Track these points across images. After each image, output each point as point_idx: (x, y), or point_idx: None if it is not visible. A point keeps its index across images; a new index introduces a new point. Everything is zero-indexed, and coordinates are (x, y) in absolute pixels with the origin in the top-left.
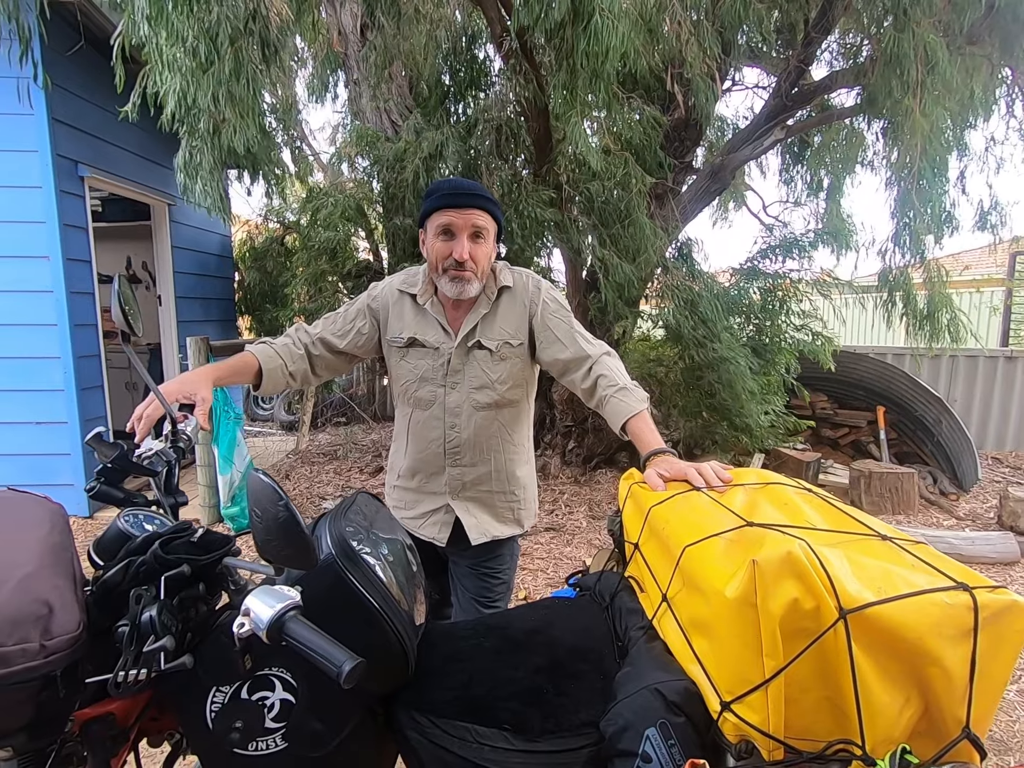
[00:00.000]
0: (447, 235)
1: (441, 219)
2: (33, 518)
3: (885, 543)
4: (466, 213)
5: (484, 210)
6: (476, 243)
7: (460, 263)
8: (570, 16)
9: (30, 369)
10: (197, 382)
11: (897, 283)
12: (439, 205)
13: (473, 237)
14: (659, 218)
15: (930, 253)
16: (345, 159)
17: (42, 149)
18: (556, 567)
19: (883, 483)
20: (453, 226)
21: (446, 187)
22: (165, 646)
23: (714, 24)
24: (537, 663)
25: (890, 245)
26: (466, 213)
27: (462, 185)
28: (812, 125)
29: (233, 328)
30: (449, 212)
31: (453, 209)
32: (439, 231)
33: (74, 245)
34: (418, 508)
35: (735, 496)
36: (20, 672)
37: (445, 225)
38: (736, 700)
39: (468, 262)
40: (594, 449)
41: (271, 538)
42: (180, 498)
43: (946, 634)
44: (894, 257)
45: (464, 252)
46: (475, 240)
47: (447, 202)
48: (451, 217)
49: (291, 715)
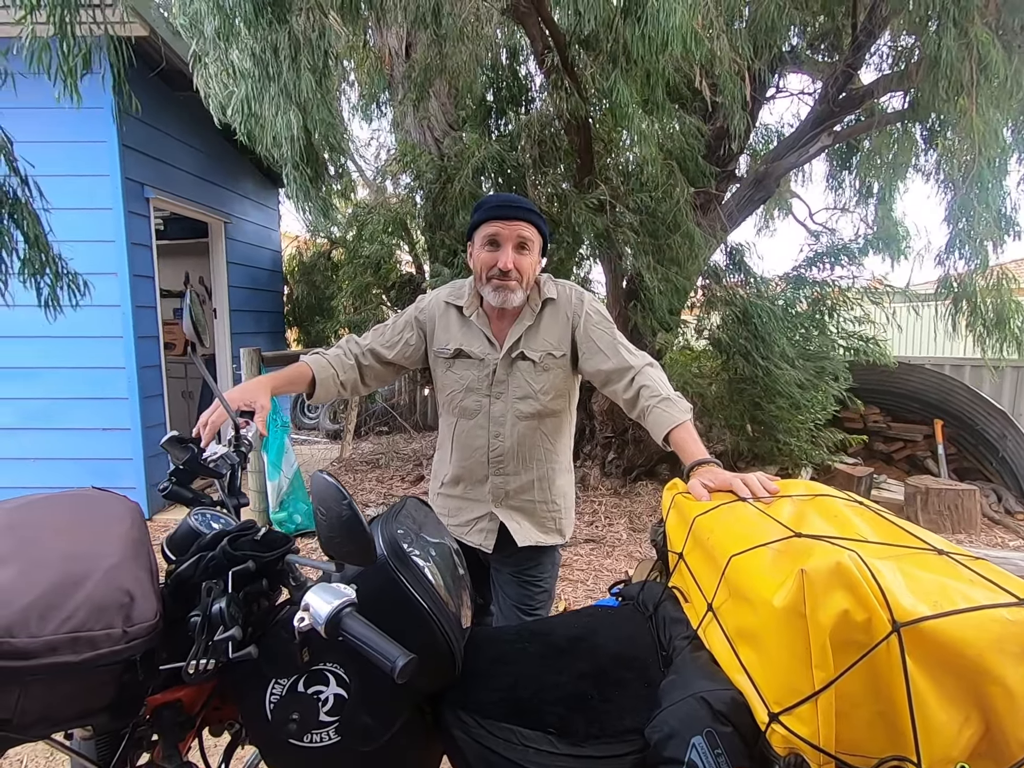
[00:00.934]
0: (493, 246)
1: (488, 230)
2: (116, 514)
3: (941, 557)
4: (512, 225)
5: (530, 222)
6: (521, 254)
7: (504, 272)
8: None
9: (97, 378)
10: (257, 390)
11: (964, 290)
12: (486, 217)
13: (518, 248)
14: (704, 226)
15: (993, 259)
16: (389, 176)
17: (113, 173)
18: (596, 579)
19: (942, 500)
20: (499, 237)
21: (494, 200)
22: (233, 636)
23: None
24: (581, 669)
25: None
26: (512, 225)
27: (509, 199)
28: (861, 130)
29: (282, 339)
30: (495, 224)
31: (499, 221)
32: (485, 242)
33: (139, 262)
34: (462, 516)
35: (782, 507)
36: (105, 655)
37: (491, 236)
38: (785, 711)
39: (512, 272)
40: (634, 461)
41: (334, 535)
42: (242, 499)
43: (1008, 651)
44: (955, 263)
45: (509, 262)
46: (520, 251)
47: (494, 214)
48: (497, 228)
49: (344, 709)
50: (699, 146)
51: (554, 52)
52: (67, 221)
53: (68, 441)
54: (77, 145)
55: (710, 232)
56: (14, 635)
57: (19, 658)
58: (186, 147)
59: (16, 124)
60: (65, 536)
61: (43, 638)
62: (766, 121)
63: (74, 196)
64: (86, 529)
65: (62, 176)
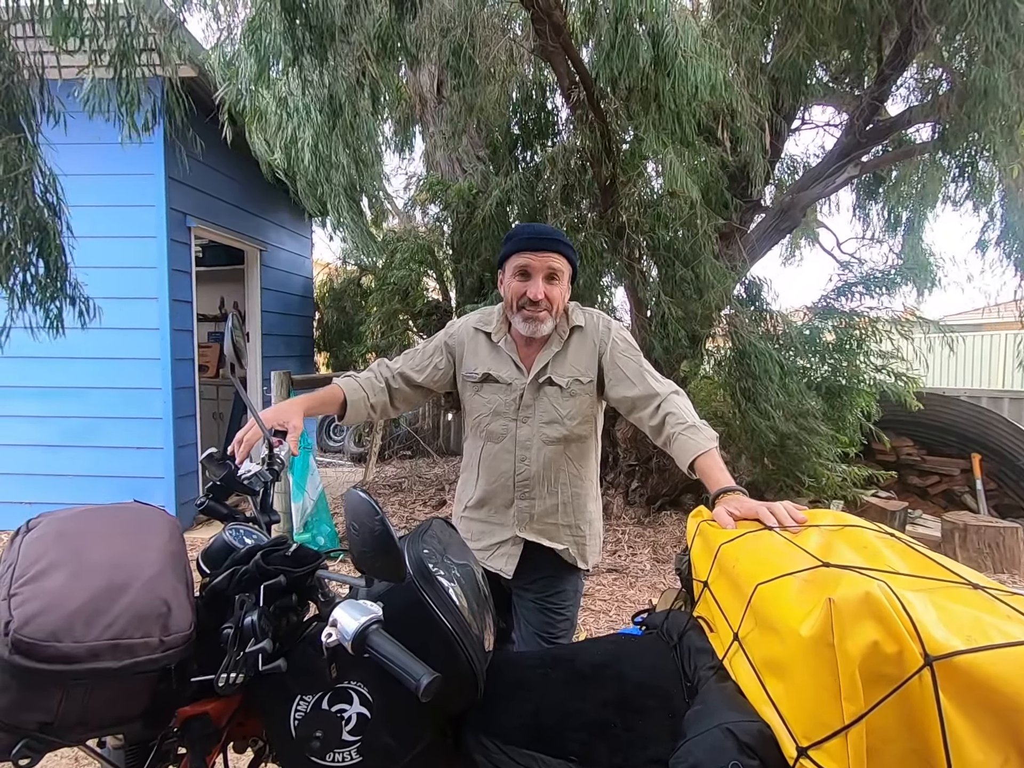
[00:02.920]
0: (524, 276)
1: (519, 261)
2: (156, 527)
3: (976, 592)
4: (542, 256)
5: (560, 253)
6: (551, 284)
7: (535, 302)
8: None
9: (134, 399)
10: (290, 411)
11: None
12: (517, 248)
13: (548, 279)
14: (725, 257)
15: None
16: (418, 205)
17: (158, 204)
18: (619, 609)
19: (981, 537)
20: (530, 267)
21: (525, 232)
22: (264, 648)
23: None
24: (604, 697)
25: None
26: (542, 256)
27: (540, 230)
28: (888, 161)
29: (311, 363)
30: (526, 255)
31: (530, 252)
32: (516, 272)
33: (179, 287)
34: (485, 540)
35: (810, 537)
36: (143, 663)
37: (522, 267)
38: (814, 746)
39: (543, 301)
40: (658, 490)
41: (367, 550)
42: (274, 516)
43: None
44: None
45: (539, 292)
46: (550, 281)
47: (525, 246)
48: (528, 259)
49: (366, 729)
50: (723, 178)
51: (580, 88)
52: (113, 248)
53: (103, 459)
54: (126, 178)
55: (730, 264)
56: (60, 639)
57: (64, 662)
58: (225, 178)
59: (65, 159)
60: (110, 546)
61: (87, 643)
62: (792, 152)
63: (121, 225)
64: (128, 540)
65: (110, 207)
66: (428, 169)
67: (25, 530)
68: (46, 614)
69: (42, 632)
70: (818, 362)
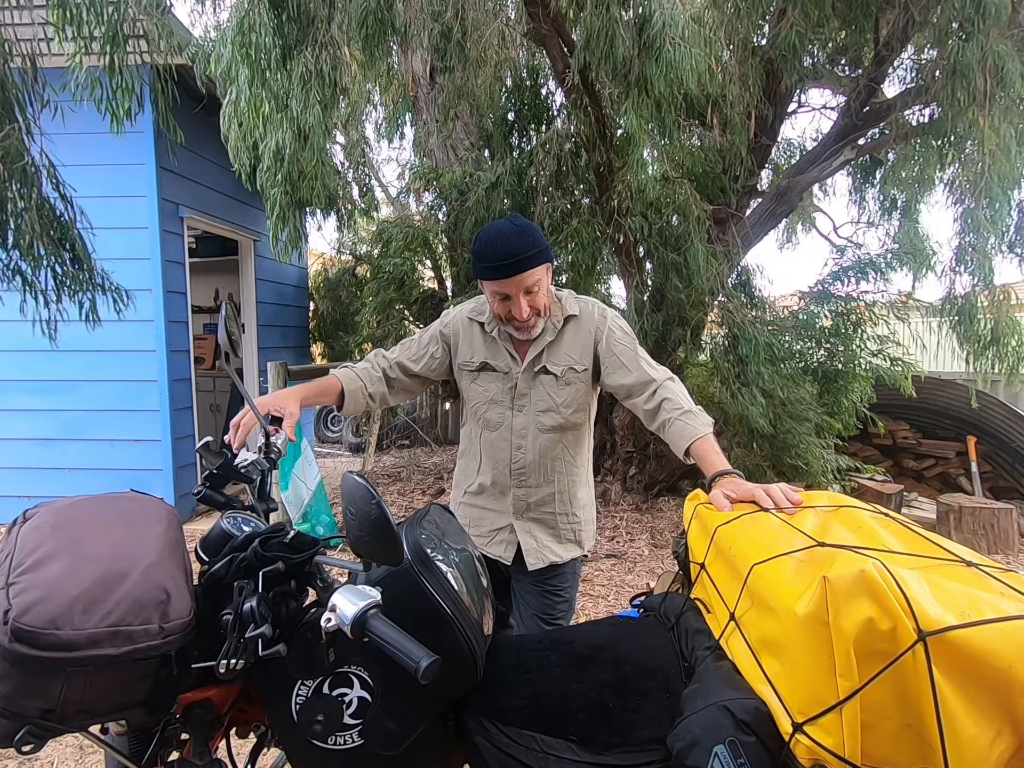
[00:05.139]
0: (504, 298)
1: (493, 287)
2: (154, 516)
3: (970, 569)
4: (516, 279)
5: (532, 268)
6: (532, 295)
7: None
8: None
9: (131, 391)
10: (287, 398)
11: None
12: (487, 276)
13: (527, 293)
14: (720, 243)
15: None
16: (412, 194)
17: (150, 194)
18: (617, 594)
19: (976, 519)
20: (507, 291)
21: (489, 257)
22: (264, 633)
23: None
24: (603, 678)
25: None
26: (516, 279)
27: (505, 253)
28: (884, 144)
29: (307, 354)
30: (499, 282)
31: (501, 280)
32: (494, 295)
33: (173, 279)
34: (483, 526)
35: (805, 518)
36: (142, 649)
37: (499, 292)
38: (809, 721)
39: (529, 313)
40: (656, 476)
41: (363, 534)
42: (271, 504)
43: None
44: (960, 280)
45: (523, 312)
46: (530, 294)
47: (496, 274)
48: (501, 285)
49: (367, 713)
50: (718, 161)
51: (574, 72)
52: (106, 240)
53: (100, 452)
54: (116, 168)
55: (724, 249)
56: (59, 627)
57: (63, 649)
58: (218, 168)
59: (58, 149)
60: (107, 535)
61: (86, 631)
62: (788, 135)
63: (113, 216)
64: (126, 529)
65: (101, 198)
66: (421, 157)
67: (22, 520)
68: (45, 602)
69: (41, 620)
70: (815, 346)
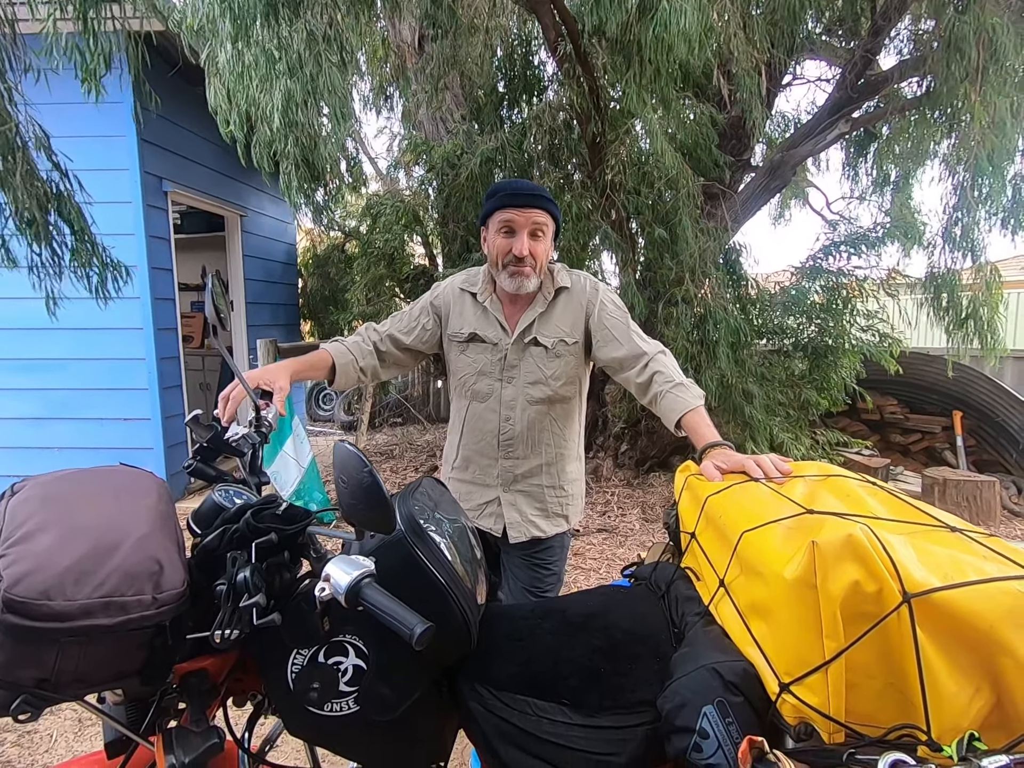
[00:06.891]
0: (508, 232)
1: (502, 217)
2: (144, 489)
3: (954, 534)
4: (527, 212)
5: (544, 209)
6: (535, 240)
7: (520, 259)
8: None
9: (119, 369)
10: (277, 372)
11: (945, 282)
12: (501, 204)
13: (532, 235)
14: (711, 218)
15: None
16: (402, 167)
17: (132, 167)
18: (608, 568)
19: (960, 491)
20: (514, 224)
21: (508, 188)
22: (258, 602)
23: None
24: (595, 645)
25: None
26: (527, 212)
27: (523, 186)
28: (879, 117)
29: (297, 331)
30: (510, 211)
31: (514, 208)
32: (500, 228)
33: (158, 255)
34: (472, 500)
35: (795, 487)
36: (136, 620)
37: (506, 223)
38: (795, 681)
39: (528, 258)
40: (647, 452)
41: (356, 502)
42: (263, 478)
43: (1020, 624)
44: (945, 254)
45: (524, 248)
46: (534, 237)
47: (508, 202)
48: (512, 215)
49: (362, 680)
50: (713, 135)
51: (567, 41)
52: (88, 215)
53: (90, 431)
54: (97, 140)
55: (714, 225)
56: (51, 598)
57: (56, 620)
58: (203, 141)
59: (39, 119)
60: (97, 507)
61: (78, 602)
62: (782, 109)
63: (95, 190)
64: (117, 501)
65: (83, 170)
66: (411, 129)
67: (11, 493)
68: (36, 573)
69: (33, 591)
70: (805, 322)
